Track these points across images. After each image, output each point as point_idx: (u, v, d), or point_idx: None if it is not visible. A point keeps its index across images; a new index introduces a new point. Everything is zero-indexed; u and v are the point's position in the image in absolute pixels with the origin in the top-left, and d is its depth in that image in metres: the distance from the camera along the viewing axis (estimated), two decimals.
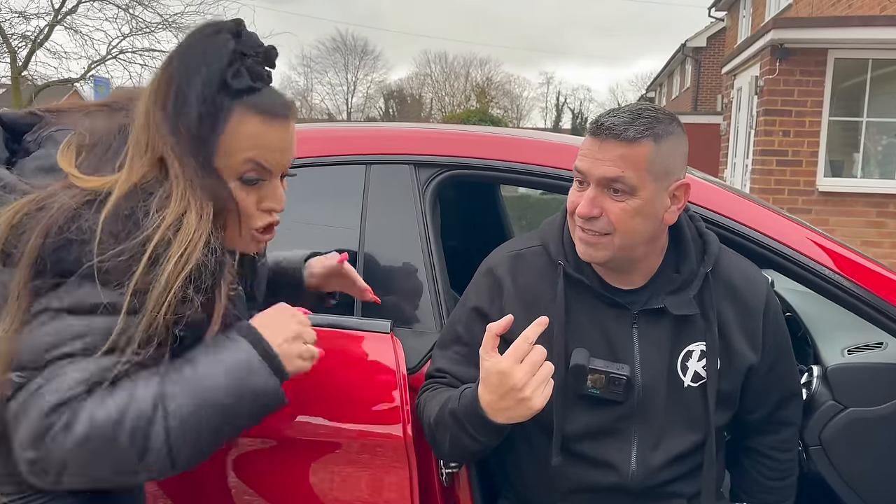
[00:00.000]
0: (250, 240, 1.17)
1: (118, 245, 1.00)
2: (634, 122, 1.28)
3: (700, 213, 1.53)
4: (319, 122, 2.61)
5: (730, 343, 1.41)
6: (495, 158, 1.74)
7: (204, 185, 1.06)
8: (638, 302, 1.40)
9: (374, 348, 1.55)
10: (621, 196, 1.30)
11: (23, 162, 1.15)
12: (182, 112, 1.05)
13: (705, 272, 1.39)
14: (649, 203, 1.30)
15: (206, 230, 1.04)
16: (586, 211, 1.31)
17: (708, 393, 1.39)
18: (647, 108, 1.33)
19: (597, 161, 1.30)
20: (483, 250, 1.90)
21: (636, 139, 1.27)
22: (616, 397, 1.36)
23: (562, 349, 1.38)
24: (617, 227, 1.31)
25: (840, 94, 7.80)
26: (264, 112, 1.08)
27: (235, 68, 1.05)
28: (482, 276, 1.50)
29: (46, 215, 1.00)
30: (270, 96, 1.10)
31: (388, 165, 1.74)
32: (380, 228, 1.71)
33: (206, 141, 1.06)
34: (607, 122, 1.30)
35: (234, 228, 1.12)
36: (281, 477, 1.57)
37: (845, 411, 1.59)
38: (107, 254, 0.99)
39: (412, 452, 1.49)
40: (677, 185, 1.34)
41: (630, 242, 1.33)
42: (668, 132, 1.31)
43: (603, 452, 1.40)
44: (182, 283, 1.01)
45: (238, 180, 1.10)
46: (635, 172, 1.28)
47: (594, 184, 1.31)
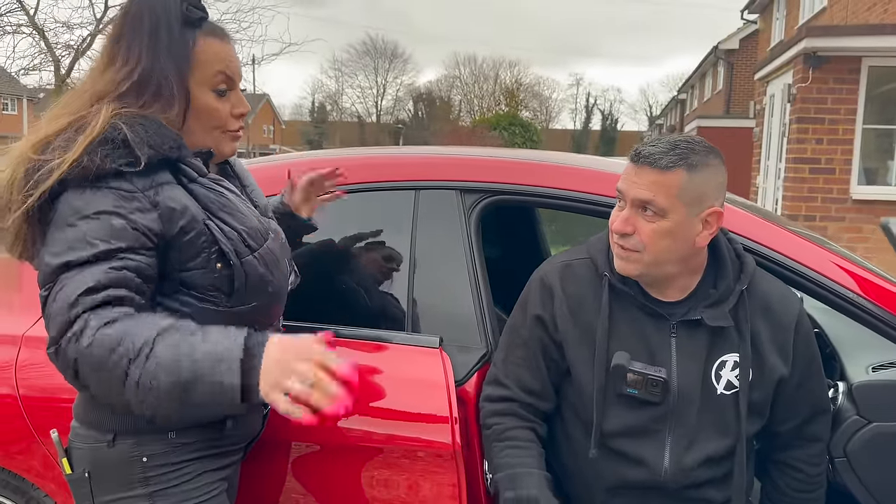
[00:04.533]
0: (229, 139, 1.39)
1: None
2: (669, 152, 1.42)
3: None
4: (371, 148, 2.71)
5: (762, 355, 1.52)
6: (537, 185, 1.85)
7: (182, 92, 1.28)
8: (677, 313, 1.52)
9: (424, 362, 1.68)
10: (653, 217, 1.44)
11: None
12: (159, 42, 1.26)
13: (741, 289, 1.51)
14: (679, 226, 1.43)
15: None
16: (620, 227, 1.46)
17: (740, 401, 1.51)
18: (685, 139, 1.46)
19: (633, 184, 1.45)
20: (523, 264, 2.01)
21: (669, 167, 1.41)
22: (653, 398, 1.49)
23: (604, 352, 1.51)
24: (646, 245, 1.45)
25: (874, 101, 7.74)
26: (218, 35, 1.34)
27: (185, 6, 1.29)
28: (535, 284, 1.63)
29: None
30: (215, 24, 1.35)
31: (436, 191, 1.87)
32: (428, 251, 1.84)
33: (180, 63, 1.28)
34: (645, 151, 1.44)
35: (209, 131, 1.34)
36: (335, 481, 1.70)
37: (869, 426, 1.67)
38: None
39: (461, 460, 1.61)
40: (709, 211, 1.45)
41: (659, 260, 1.46)
42: (702, 163, 1.43)
43: (638, 450, 1.53)
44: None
45: (213, 92, 1.33)
46: (666, 197, 1.41)
47: (629, 204, 1.46)
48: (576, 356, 1.55)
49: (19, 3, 13.33)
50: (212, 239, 1.27)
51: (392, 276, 1.89)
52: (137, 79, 1.26)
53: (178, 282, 1.27)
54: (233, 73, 1.35)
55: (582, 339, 1.55)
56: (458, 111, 59.79)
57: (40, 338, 1.71)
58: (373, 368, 1.73)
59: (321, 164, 2.06)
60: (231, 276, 1.29)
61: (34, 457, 1.76)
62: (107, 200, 1.19)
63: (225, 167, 1.48)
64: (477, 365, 1.71)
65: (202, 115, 1.33)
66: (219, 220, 1.29)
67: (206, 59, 1.31)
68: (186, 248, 1.26)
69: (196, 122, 1.32)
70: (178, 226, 1.24)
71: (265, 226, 1.39)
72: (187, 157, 1.29)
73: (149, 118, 1.25)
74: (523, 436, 1.57)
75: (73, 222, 1.19)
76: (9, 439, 1.78)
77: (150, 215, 1.22)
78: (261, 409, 1.48)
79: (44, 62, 13.93)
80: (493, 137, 28.78)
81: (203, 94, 1.32)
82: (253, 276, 1.32)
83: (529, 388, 1.59)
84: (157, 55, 1.26)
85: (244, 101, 1.39)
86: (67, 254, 1.17)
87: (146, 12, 1.27)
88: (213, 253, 1.27)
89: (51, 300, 1.17)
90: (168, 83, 1.26)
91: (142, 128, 1.22)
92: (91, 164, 1.17)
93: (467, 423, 1.67)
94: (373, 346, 1.75)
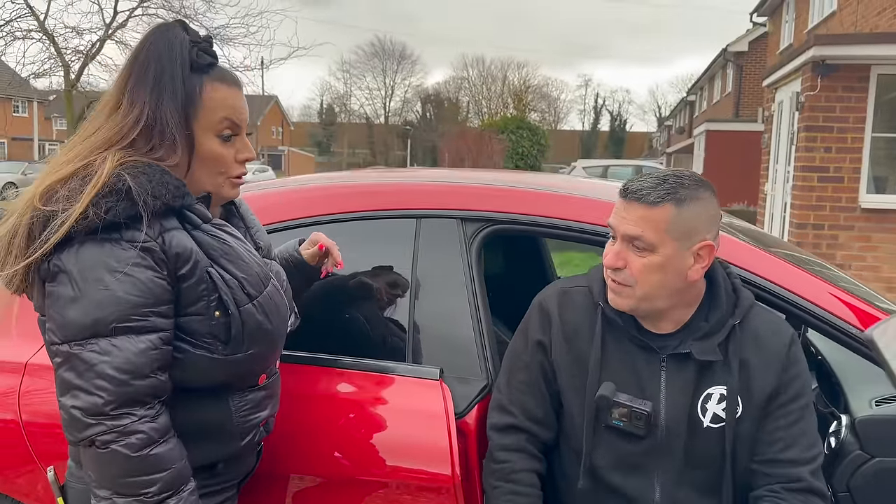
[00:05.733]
0: (231, 186, 1.39)
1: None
2: (657, 187, 1.43)
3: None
4: (372, 172, 2.69)
5: (751, 388, 1.51)
6: (538, 214, 1.85)
7: (186, 138, 1.29)
8: (668, 346, 1.52)
9: (424, 394, 1.68)
10: (643, 252, 1.45)
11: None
12: (164, 88, 1.27)
13: (733, 323, 1.51)
14: (669, 260, 1.44)
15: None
16: (611, 262, 1.48)
17: (726, 434, 1.49)
18: (674, 174, 1.46)
19: (622, 219, 1.46)
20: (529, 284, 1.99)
21: (657, 203, 1.42)
22: (637, 431, 1.49)
23: (595, 383, 1.52)
24: (637, 280, 1.46)
25: (883, 110, 7.69)
26: (226, 81, 1.34)
27: (195, 51, 1.30)
28: (535, 309, 1.64)
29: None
30: (225, 70, 1.36)
31: (437, 220, 1.86)
32: (429, 280, 1.84)
33: (186, 108, 1.29)
34: (633, 187, 1.46)
35: (212, 176, 1.35)
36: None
37: (872, 461, 1.66)
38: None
39: (461, 493, 1.61)
40: (701, 245, 1.45)
41: (650, 295, 1.46)
42: (692, 197, 1.44)
43: (628, 484, 1.53)
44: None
45: (217, 137, 1.33)
46: (654, 232, 1.42)
47: (620, 239, 1.47)
48: (567, 384, 1.57)
49: (29, 9, 13.41)
50: (212, 286, 1.27)
51: (393, 305, 1.88)
52: (143, 126, 1.26)
53: (175, 327, 1.27)
54: (239, 120, 1.35)
55: (574, 367, 1.56)
56: (467, 112, 59.77)
57: (44, 365, 1.73)
58: (373, 400, 1.73)
59: (323, 191, 2.06)
60: (228, 323, 1.29)
61: (36, 484, 1.77)
62: (120, 253, 1.20)
63: (230, 207, 1.49)
64: (477, 397, 1.71)
65: (206, 161, 1.33)
66: (220, 268, 1.29)
67: (212, 106, 1.31)
68: (187, 294, 1.26)
69: (200, 168, 1.33)
70: (182, 272, 1.25)
71: (265, 271, 1.39)
72: (191, 203, 1.29)
73: (152, 166, 1.25)
74: (527, 480, 1.57)
75: (91, 275, 1.19)
76: (10, 465, 1.79)
77: (163, 265, 1.23)
78: (254, 448, 1.48)
79: (53, 67, 14.01)
80: (500, 141, 28.77)
81: (208, 140, 1.32)
82: (250, 324, 1.32)
83: (534, 416, 1.60)
84: (162, 101, 1.26)
85: (249, 146, 1.39)
86: (95, 311, 1.18)
87: (153, 60, 1.28)
88: (212, 301, 1.28)
89: (82, 361, 1.19)
90: (171, 129, 1.26)
91: (145, 178, 1.22)
92: (97, 216, 1.17)
93: (467, 455, 1.67)
94: (373, 378, 1.75)
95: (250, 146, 1.40)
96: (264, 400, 1.43)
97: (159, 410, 1.23)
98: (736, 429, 1.50)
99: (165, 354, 1.24)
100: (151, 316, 1.21)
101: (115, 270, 1.18)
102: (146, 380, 1.20)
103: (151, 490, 1.20)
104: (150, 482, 1.20)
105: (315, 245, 1.68)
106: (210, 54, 1.32)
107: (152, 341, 1.21)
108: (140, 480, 1.20)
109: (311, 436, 1.69)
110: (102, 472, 1.20)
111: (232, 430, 1.37)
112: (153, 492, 1.20)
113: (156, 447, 1.21)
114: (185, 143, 1.29)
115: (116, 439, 1.18)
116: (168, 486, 1.22)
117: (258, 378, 1.41)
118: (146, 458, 1.19)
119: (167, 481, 1.21)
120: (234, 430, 1.37)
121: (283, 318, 1.44)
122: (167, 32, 1.30)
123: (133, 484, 1.20)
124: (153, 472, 1.20)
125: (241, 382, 1.37)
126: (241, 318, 1.30)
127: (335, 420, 1.70)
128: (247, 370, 1.36)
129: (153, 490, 1.20)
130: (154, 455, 1.20)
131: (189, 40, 1.30)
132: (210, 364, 1.29)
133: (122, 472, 1.19)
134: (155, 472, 1.20)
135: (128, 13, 13.93)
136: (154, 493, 1.20)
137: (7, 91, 21.60)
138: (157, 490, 1.21)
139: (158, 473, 1.21)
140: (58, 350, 1.20)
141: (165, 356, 1.24)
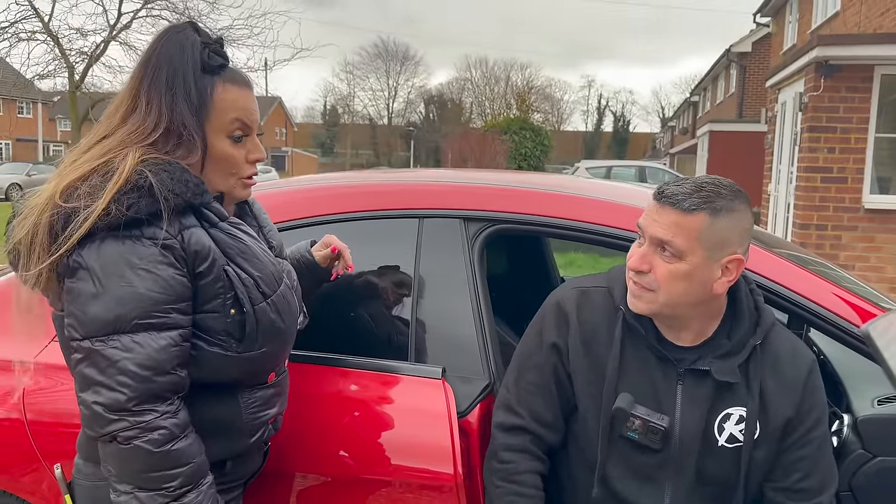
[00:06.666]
0: (242, 186, 1.40)
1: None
2: (694, 194, 1.38)
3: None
4: (375, 173, 2.69)
5: (768, 413, 1.48)
6: (541, 214, 1.85)
7: (201, 138, 1.30)
8: (686, 360, 1.48)
9: (427, 393, 1.68)
10: (670, 258, 1.40)
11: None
12: (178, 90, 1.27)
13: (755, 344, 1.47)
14: (696, 270, 1.40)
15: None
16: (636, 265, 1.43)
17: (742, 456, 1.47)
18: (713, 182, 1.41)
19: (653, 222, 1.41)
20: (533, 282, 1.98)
21: (692, 210, 1.37)
22: (653, 444, 1.47)
23: (612, 390, 1.49)
24: (661, 285, 1.41)
25: (887, 110, 7.68)
26: (237, 82, 1.35)
27: (207, 53, 1.30)
28: (551, 309, 1.59)
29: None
30: (236, 71, 1.36)
31: (440, 219, 1.87)
32: (432, 279, 1.84)
33: (199, 110, 1.29)
34: (669, 191, 1.41)
35: (224, 177, 1.36)
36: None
37: (874, 460, 1.66)
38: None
39: (463, 492, 1.61)
40: (731, 258, 1.40)
41: (672, 302, 1.43)
42: (728, 208, 1.39)
43: (639, 496, 1.51)
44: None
45: (229, 138, 1.33)
46: (685, 240, 1.38)
47: (648, 242, 1.43)
48: (583, 391, 1.53)
49: (34, 10, 13.47)
50: (229, 284, 1.28)
51: (395, 304, 1.89)
52: (164, 127, 1.27)
53: (192, 324, 1.28)
54: (250, 120, 1.36)
55: (590, 372, 1.52)
56: (470, 113, 59.79)
57: (50, 364, 1.74)
58: (375, 399, 1.74)
59: (326, 191, 2.07)
60: (243, 321, 1.30)
61: (41, 482, 1.77)
62: (142, 250, 1.20)
63: (243, 206, 1.49)
64: (479, 396, 1.71)
65: (218, 162, 1.34)
66: (236, 266, 1.30)
67: (223, 107, 1.32)
68: (204, 291, 1.27)
69: (212, 168, 1.33)
70: (200, 269, 1.26)
71: (279, 270, 1.40)
72: (209, 202, 1.30)
73: (173, 164, 1.26)
74: (529, 481, 1.55)
75: (113, 271, 1.19)
76: (15, 464, 1.79)
77: (182, 263, 1.24)
78: (261, 446, 1.49)
79: (58, 68, 14.07)
80: (503, 142, 28.77)
81: (219, 141, 1.33)
82: (264, 322, 1.33)
83: (542, 419, 1.57)
84: (176, 102, 1.27)
85: (260, 147, 1.40)
86: (117, 307, 1.19)
87: (165, 62, 1.28)
88: (228, 298, 1.29)
89: (104, 357, 1.19)
90: (188, 130, 1.27)
91: (167, 174, 1.23)
92: (119, 213, 1.18)
93: (469, 454, 1.67)
94: (376, 377, 1.75)
95: (261, 147, 1.41)
96: (273, 397, 1.44)
97: (179, 406, 1.25)
98: (753, 450, 1.48)
99: (185, 351, 1.25)
100: (172, 313, 1.22)
101: (137, 267, 1.19)
102: (167, 376, 1.22)
103: (173, 484, 1.22)
104: (171, 476, 1.22)
105: (328, 247, 1.69)
106: (221, 55, 1.33)
107: (173, 338, 1.22)
108: (162, 475, 1.21)
109: (313, 434, 1.69)
110: (124, 467, 1.22)
111: (241, 427, 1.38)
112: (175, 486, 1.22)
113: (177, 442, 1.22)
114: (201, 143, 1.30)
115: (139, 435, 1.19)
116: (189, 480, 1.23)
117: (268, 375, 1.42)
118: (168, 453, 1.21)
119: (188, 475, 1.23)
120: (244, 426, 1.38)
121: (295, 317, 1.45)
122: (179, 34, 1.30)
123: (155, 478, 1.21)
124: (175, 466, 1.22)
125: (251, 379, 1.38)
126: (256, 316, 1.31)
127: (337, 419, 1.71)
128: (259, 368, 1.37)
129: (175, 484, 1.22)
130: (176, 450, 1.22)
131: (200, 42, 1.30)
132: (224, 361, 1.30)
133: (144, 467, 1.21)
134: (176, 467, 1.22)
135: (132, 15, 14.00)
136: (175, 486, 1.22)
137: (12, 92, 21.74)
138: (179, 484, 1.22)
139: (180, 468, 1.22)
140: (78, 346, 1.21)
141: (185, 352, 1.25)
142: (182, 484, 1.23)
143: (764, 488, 1.54)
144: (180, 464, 1.23)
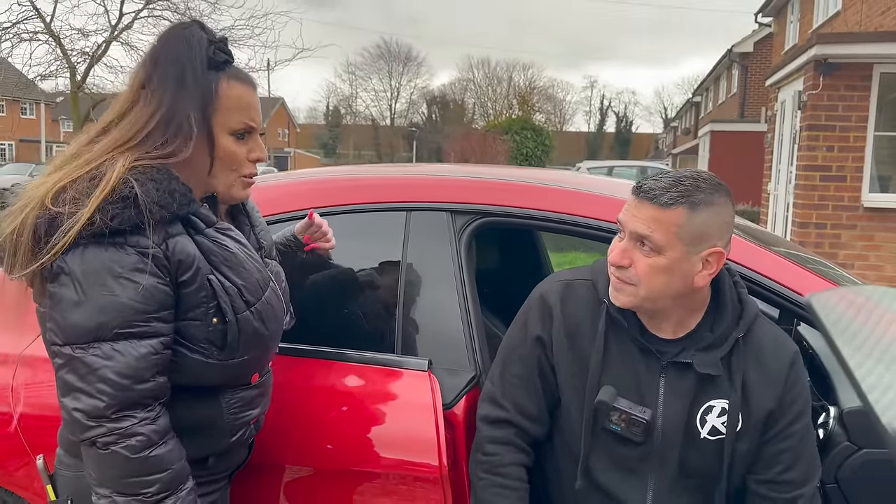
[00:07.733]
0: (242, 186, 1.39)
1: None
2: (671, 188, 1.39)
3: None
4: (362, 167, 2.70)
5: (750, 405, 1.49)
6: (528, 207, 1.86)
7: (207, 136, 1.30)
8: (669, 353, 1.49)
9: (413, 385, 1.69)
10: (649, 252, 1.41)
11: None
12: (183, 85, 1.27)
13: (737, 336, 1.48)
14: (676, 264, 1.40)
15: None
16: (616, 259, 1.45)
17: (725, 449, 1.48)
18: (691, 176, 1.41)
19: (633, 217, 1.42)
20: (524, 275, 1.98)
21: (669, 205, 1.38)
22: (635, 437, 1.47)
23: (595, 382, 1.50)
24: (641, 279, 1.42)
25: (886, 108, 7.67)
26: (241, 79, 1.35)
27: (212, 49, 1.31)
28: (536, 302, 1.60)
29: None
30: (240, 69, 1.37)
31: (427, 212, 1.87)
32: (419, 272, 1.84)
33: (205, 104, 1.29)
34: (647, 185, 1.42)
35: (226, 174, 1.35)
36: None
37: (860, 452, 1.66)
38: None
39: (448, 484, 1.62)
40: (711, 251, 1.41)
41: (654, 296, 1.43)
42: (706, 201, 1.39)
43: (622, 488, 1.51)
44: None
45: (231, 135, 1.33)
46: (664, 235, 1.38)
47: (627, 236, 1.44)
48: (567, 384, 1.54)
49: (36, 11, 13.49)
50: (212, 293, 1.28)
51: (382, 297, 1.89)
52: (159, 119, 1.26)
53: (174, 331, 1.28)
54: (252, 118, 1.36)
55: (574, 365, 1.53)
56: (472, 114, 59.79)
57: (38, 357, 1.75)
58: (361, 391, 1.74)
59: (313, 185, 2.07)
60: (225, 330, 1.30)
61: (32, 476, 1.78)
62: (125, 258, 1.20)
63: (237, 205, 1.48)
64: (465, 388, 1.72)
65: (221, 159, 1.34)
66: (220, 275, 1.30)
67: (227, 103, 1.32)
68: (187, 299, 1.27)
69: (215, 166, 1.33)
70: (184, 278, 1.26)
71: (265, 276, 1.40)
72: (196, 210, 1.29)
73: (162, 171, 1.25)
74: (514, 474, 1.55)
75: (95, 280, 1.19)
76: (6, 458, 1.80)
77: (165, 272, 1.24)
78: (246, 441, 1.50)
79: (60, 69, 14.09)
80: (504, 142, 28.77)
81: (221, 137, 1.33)
82: (247, 331, 1.33)
83: (526, 412, 1.57)
84: (181, 97, 1.27)
85: (261, 145, 1.40)
86: (99, 315, 1.19)
87: (172, 57, 1.28)
88: (211, 308, 1.29)
89: (84, 364, 1.19)
90: (189, 123, 1.27)
91: (153, 184, 1.22)
92: (103, 223, 1.18)
93: (455, 446, 1.68)
94: (361, 369, 1.76)
95: (262, 146, 1.41)
96: (256, 398, 1.44)
97: (159, 412, 1.25)
98: (735, 444, 1.48)
99: (165, 358, 1.25)
100: (153, 321, 1.22)
101: (120, 276, 1.19)
102: (147, 383, 1.22)
103: (150, 490, 1.22)
104: (149, 483, 1.22)
105: (304, 225, 1.73)
106: (226, 52, 1.33)
107: (153, 346, 1.22)
108: (140, 481, 1.21)
109: (300, 426, 1.70)
110: (103, 471, 1.22)
111: (223, 427, 1.39)
112: (152, 492, 1.22)
113: (155, 449, 1.22)
114: (207, 142, 1.30)
115: (117, 441, 1.20)
116: (166, 487, 1.23)
117: (251, 377, 1.42)
118: (146, 459, 1.21)
119: (166, 481, 1.23)
120: (225, 427, 1.39)
121: (280, 322, 1.46)
122: (185, 30, 1.31)
123: (133, 484, 1.21)
124: (152, 472, 1.22)
125: (234, 382, 1.39)
126: (238, 325, 1.31)
127: (324, 411, 1.71)
128: (241, 372, 1.38)
129: (152, 490, 1.22)
130: (154, 456, 1.22)
131: (206, 38, 1.31)
132: (204, 368, 1.31)
133: (122, 472, 1.21)
134: (154, 473, 1.22)
135: (133, 15, 14.02)
136: (153, 493, 1.22)
137: (14, 93, 21.76)
138: (156, 490, 1.22)
139: (157, 474, 1.22)
140: (59, 351, 1.21)
141: (165, 360, 1.25)
142: (159, 490, 1.23)
143: (747, 480, 1.54)
144: (158, 470, 1.23)
